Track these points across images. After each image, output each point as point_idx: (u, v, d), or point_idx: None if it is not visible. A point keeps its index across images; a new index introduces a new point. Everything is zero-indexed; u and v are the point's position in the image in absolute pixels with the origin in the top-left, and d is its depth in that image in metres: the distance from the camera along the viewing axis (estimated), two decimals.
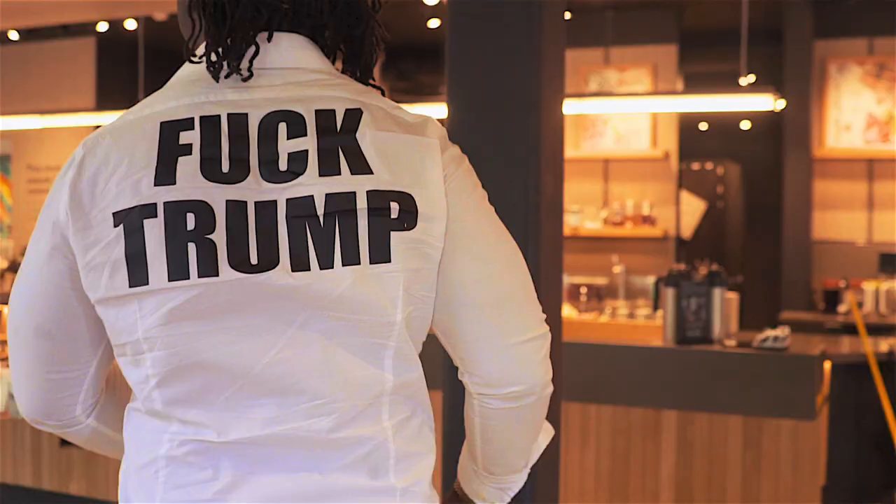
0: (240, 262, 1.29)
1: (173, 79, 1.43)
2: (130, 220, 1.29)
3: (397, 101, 1.45)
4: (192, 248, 1.28)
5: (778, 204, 8.90)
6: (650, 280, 7.76)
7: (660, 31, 8.43)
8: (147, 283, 1.29)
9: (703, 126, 10.99)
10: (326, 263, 1.30)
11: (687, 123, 8.81)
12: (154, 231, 1.28)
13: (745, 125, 11.70)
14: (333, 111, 1.35)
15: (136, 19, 8.71)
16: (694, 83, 9.19)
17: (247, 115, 1.33)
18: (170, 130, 1.32)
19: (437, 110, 7.37)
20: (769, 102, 5.91)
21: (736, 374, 4.34)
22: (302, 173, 1.31)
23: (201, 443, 1.33)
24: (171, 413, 1.34)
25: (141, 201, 1.29)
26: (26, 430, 5.52)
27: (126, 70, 9.46)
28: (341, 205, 1.30)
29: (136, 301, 1.30)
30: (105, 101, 10.10)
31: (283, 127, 1.33)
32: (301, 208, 1.30)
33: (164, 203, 1.28)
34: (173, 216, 1.28)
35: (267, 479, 1.33)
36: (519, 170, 2.43)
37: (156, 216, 1.28)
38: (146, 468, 1.36)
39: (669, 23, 8.41)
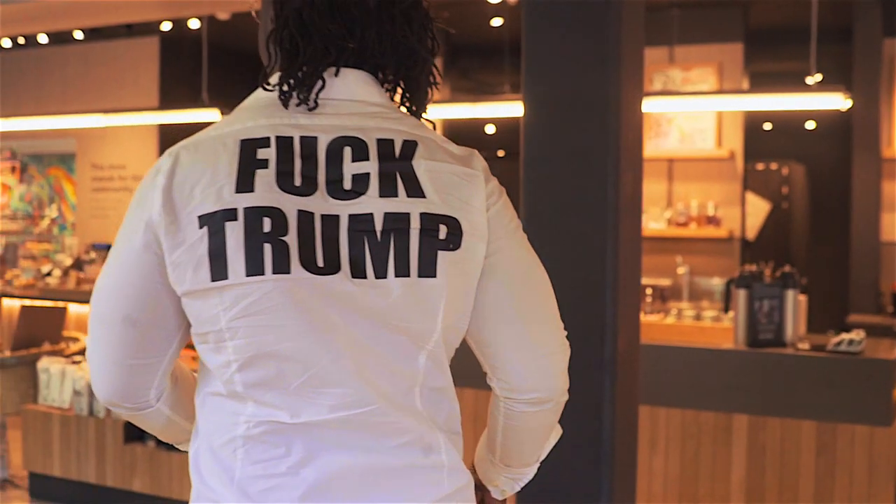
0: (308, 263, 1.45)
1: (247, 102, 1.59)
2: (214, 223, 1.45)
3: (460, 101, 1.59)
4: (267, 247, 1.44)
5: (845, 205, 8.75)
6: (715, 281, 7.65)
7: (725, 29, 8.32)
8: (227, 278, 1.45)
9: (768, 126, 10.82)
10: (381, 274, 1.48)
11: (751, 123, 8.68)
12: (234, 232, 1.44)
13: (810, 125, 11.53)
14: (392, 140, 1.52)
15: (200, 19, 8.73)
16: (760, 82, 9.06)
17: (316, 138, 1.51)
18: (249, 146, 1.49)
19: (499, 109, 7.33)
20: (838, 102, 5.79)
21: (809, 378, 4.23)
22: (364, 193, 1.49)
23: (276, 424, 1.50)
24: (249, 395, 1.50)
25: (223, 206, 1.45)
26: (90, 427, 5.54)
27: (189, 69, 9.52)
28: (397, 223, 1.48)
29: (218, 294, 1.46)
30: (168, 100, 10.15)
31: (347, 151, 1.50)
32: (361, 224, 1.48)
33: (244, 208, 1.45)
34: (252, 219, 1.44)
35: (333, 457, 1.50)
36: (598, 169, 2.37)
37: (236, 219, 1.45)
38: (225, 447, 1.53)
39: (735, 21, 8.29)
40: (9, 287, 8.10)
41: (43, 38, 10.44)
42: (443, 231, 1.51)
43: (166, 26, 9.50)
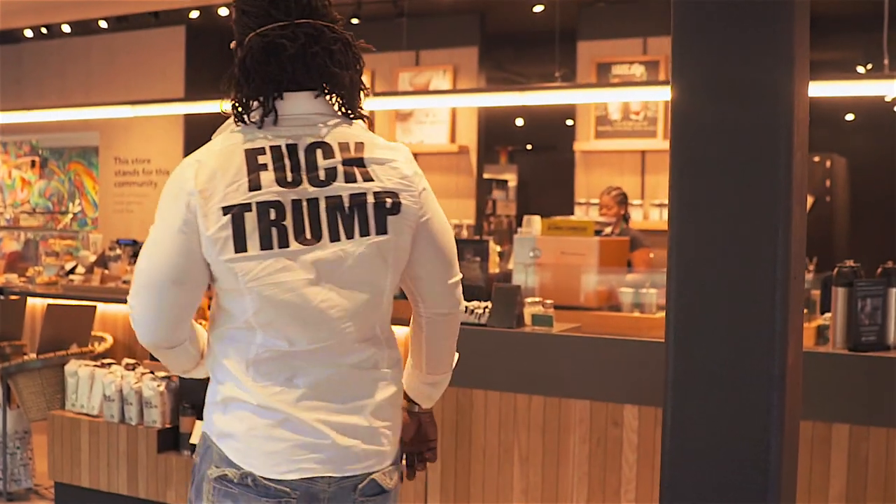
0: (300, 237, 2.12)
1: (227, 125, 2.23)
2: (235, 212, 2.09)
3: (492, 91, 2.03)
4: (273, 230, 2.10)
5: (890, 197, 8.36)
6: None
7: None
8: (246, 251, 2.10)
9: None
10: (350, 236, 2.15)
11: None
12: (250, 220, 2.09)
13: (850, 117, 11.18)
14: (348, 143, 2.20)
15: (229, 6, 8.39)
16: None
17: (297, 144, 2.16)
18: (251, 155, 2.13)
19: (531, 98, 6.96)
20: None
21: None
22: (334, 181, 2.15)
23: (277, 350, 2.15)
24: (259, 330, 2.15)
25: (241, 200, 2.09)
26: (121, 435, 5.19)
27: (217, 58, 9.18)
28: (358, 200, 2.15)
29: (241, 261, 2.10)
30: (194, 90, 9.83)
31: (319, 152, 2.17)
32: (334, 202, 2.15)
33: (256, 202, 2.10)
34: (261, 211, 2.10)
35: (316, 371, 2.16)
36: (767, 154, 2.01)
37: (251, 211, 2.09)
38: (239, 365, 2.18)
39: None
40: (31, 285, 7.75)
41: (66, 28, 10.15)
42: (388, 202, 2.19)
43: (194, 14, 9.19)
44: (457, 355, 2.53)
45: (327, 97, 2.23)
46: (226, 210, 2.08)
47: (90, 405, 5.43)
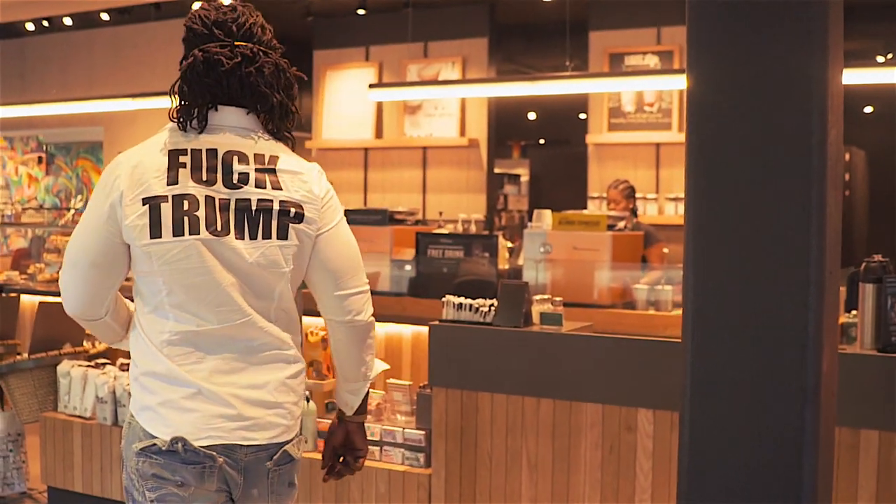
0: (210, 228, 2.40)
1: (165, 129, 2.51)
2: (153, 203, 2.38)
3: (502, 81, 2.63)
4: (185, 219, 2.38)
5: None
6: None
7: None
8: (160, 237, 2.38)
9: None
10: (254, 236, 2.44)
11: None
12: (165, 209, 2.38)
13: (868, 109, 10.97)
14: (264, 154, 2.49)
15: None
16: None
17: (216, 149, 2.45)
18: (174, 154, 2.43)
19: (542, 88, 6.78)
20: None
21: None
22: (245, 185, 2.44)
23: (188, 332, 2.43)
24: (171, 311, 2.44)
25: (158, 193, 2.38)
26: (115, 438, 5.00)
27: None
28: (264, 205, 2.45)
29: (155, 246, 2.39)
30: None
31: (235, 158, 2.45)
32: (243, 205, 2.44)
33: (172, 195, 2.39)
34: (176, 202, 2.38)
35: (224, 350, 2.45)
36: (800, 126, 1.77)
37: (167, 202, 2.38)
38: (153, 346, 2.45)
39: None
40: (31, 282, 7.57)
41: (68, 21, 9.99)
42: (292, 212, 2.47)
43: (196, 5, 8.99)
44: (380, 366, 2.83)
45: (259, 116, 2.53)
46: (145, 201, 2.38)
47: (83, 407, 5.24)
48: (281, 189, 2.46)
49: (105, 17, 9.74)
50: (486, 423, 4.16)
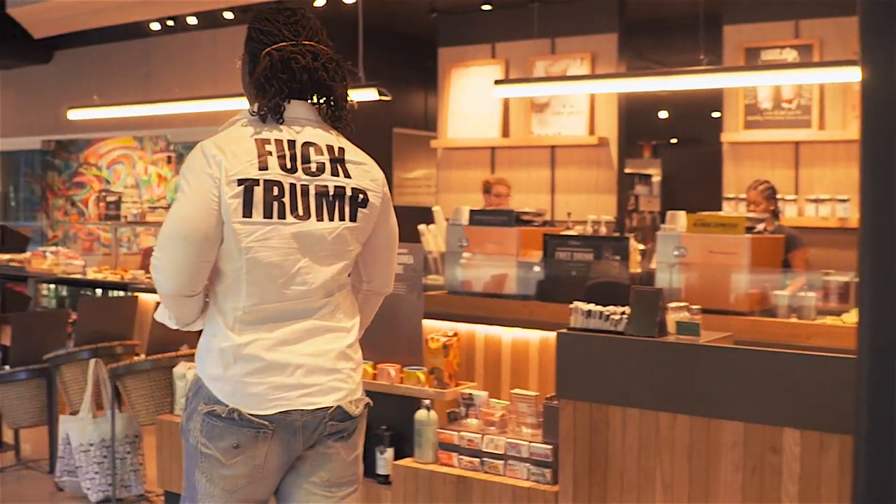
0: (294, 213, 2.72)
1: (239, 119, 2.83)
2: (247, 185, 2.66)
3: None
4: (275, 203, 2.69)
5: None
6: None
7: None
8: (251, 217, 2.67)
9: None
10: (332, 218, 2.78)
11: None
12: (258, 192, 2.67)
13: None
14: (333, 145, 2.83)
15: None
16: None
17: (295, 140, 2.77)
18: (260, 143, 2.73)
19: (674, 83, 6.48)
20: None
21: None
22: (322, 173, 2.78)
23: (259, 307, 2.72)
24: (246, 287, 2.70)
25: (252, 176, 2.67)
26: None
27: (343, 47, 8.86)
28: (339, 192, 2.79)
29: (245, 226, 2.66)
30: None
31: (311, 149, 2.79)
32: (322, 191, 2.77)
33: (263, 180, 2.68)
34: (267, 187, 2.68)
35: (291, 323, 2.75)
36: None
37: (259, 185, 2.68)
38: (227, 321, 2.72)
39: None
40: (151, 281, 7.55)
41: (192, 21, 10.00)
42: (360, 197, 2.83)
43: (320, 2, 8.93)
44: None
45: (321, 106, 2.86)
46: (240, 182, 2.65)
47: None
48: (350, 177, 2.81)
49: (229, 15, 9.72)
50: (618, 439, 3.89)
